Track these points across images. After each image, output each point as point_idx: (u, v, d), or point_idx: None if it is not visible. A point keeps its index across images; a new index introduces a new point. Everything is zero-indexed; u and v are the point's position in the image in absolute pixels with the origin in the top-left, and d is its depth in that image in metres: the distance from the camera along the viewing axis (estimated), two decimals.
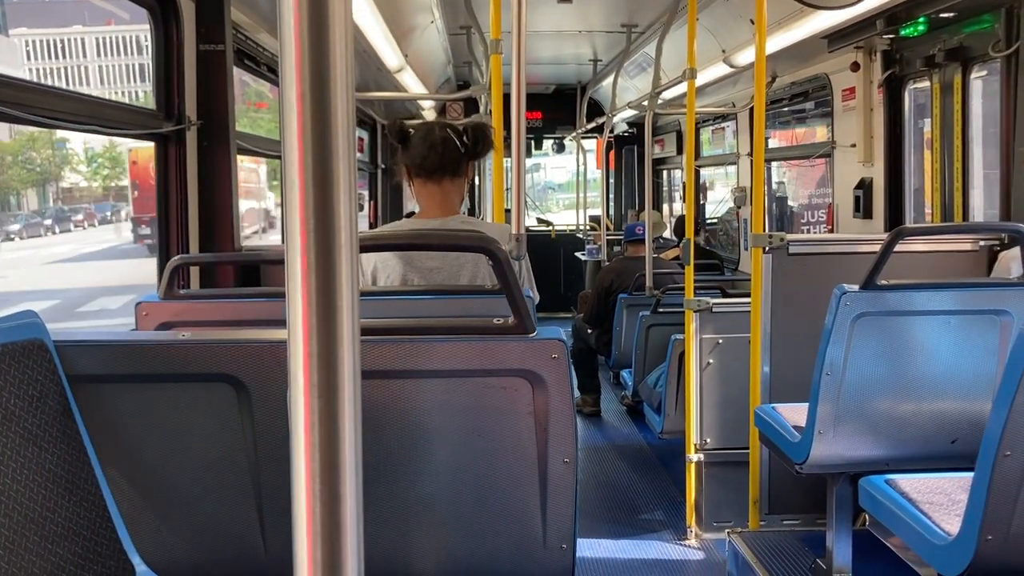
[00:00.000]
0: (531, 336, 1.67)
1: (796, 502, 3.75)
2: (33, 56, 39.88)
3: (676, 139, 9.85)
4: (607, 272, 6.35)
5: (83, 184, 29.15)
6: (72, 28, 40.66)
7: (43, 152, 24.46)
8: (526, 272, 2.63)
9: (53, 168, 26.68)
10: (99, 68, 41.95)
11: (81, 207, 27.72)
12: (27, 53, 38.95)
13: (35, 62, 39.90)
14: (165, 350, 1.63)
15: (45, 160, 26.21)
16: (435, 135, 2.68)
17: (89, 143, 26.58)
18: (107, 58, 42.80)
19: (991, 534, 1.89)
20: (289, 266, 0.64)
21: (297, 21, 0.63)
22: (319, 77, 0.63)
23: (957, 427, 2.70)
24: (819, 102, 5.97)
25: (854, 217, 5.07)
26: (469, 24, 6.06)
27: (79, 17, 40.63)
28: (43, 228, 25.18)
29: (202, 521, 1.71)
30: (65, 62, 41.88)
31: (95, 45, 41.82)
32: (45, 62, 41.10)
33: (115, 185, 29.23)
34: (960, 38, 4.01)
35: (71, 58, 41.78)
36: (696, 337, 4.01)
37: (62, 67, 41.98)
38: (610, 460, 5.53)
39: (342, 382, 0.64)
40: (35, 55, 40.06)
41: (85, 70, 41.67)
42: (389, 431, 1.70)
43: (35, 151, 23.48)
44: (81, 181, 29.20)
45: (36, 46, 39.92)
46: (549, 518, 1.73)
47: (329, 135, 0.64)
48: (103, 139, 19.85)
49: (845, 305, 2.61)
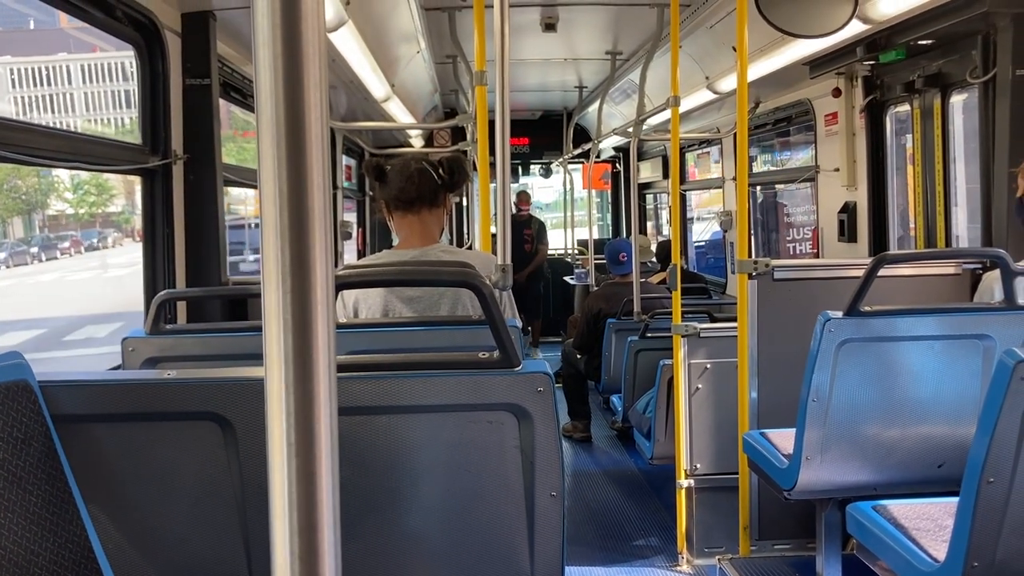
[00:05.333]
0: (516, 369, 1.68)
1: (786, 528, 3.75)
2: (19, 84, 39.92)
3: (662, 163, 9.91)
4: (595, 297, 6.36)
5: (69, 211, 29.09)
6: (58, 56, 40.73)
7: (28, 180, 24.40)
8: (508, 300, 2.65)
9: (39, 196, 26.60)
10: (84, 95, 41.99)
11: (68, 234, 27.62)
12: (12, 81, 39.00)
13: (20, 90, 39.93)
14: (150, 389, 1.63)
15: (31, 188, 26.13)
16: (411, 167, 2.72)
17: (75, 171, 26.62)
18: (93, 85, 42.88)
19: (977, 561, 1.90)
20: (266, 304, 0.64)
21: (272, 60, 0.63)
22: (294, 113, 0.64)
23: (943, 452, 2.71)
24: (802, 127, 6.03)
25: (839, 241, 5.11)
26: (455, 54, 6.11)
27: (65, 45, 40.70)
28: (29, 256, 25.09)
29: (189, 560, 1.70)
30: (51, 89, 41.93)
31: (80, 72, 41.90)
32: (31, 90, 41.12)
33: (101, 212, 29.15)
34: (939, 64, 4.07)
35: (57, 85, 41.83)
36: (684, 362, 4.02)
37: (48, 95, 42.02)
38: (600, 486, 5.52)
39: (319, 420, 0.64)
40: (20, 83, 40.11)
41: (71, 97, 41.71)
42: (376, 466, 1.70)
43: (20, 179, 23.43)
44: (68, 208, 29.13)
45: (21, 74, 39.97)
46: (536, 551, 1.73)
47: (305, 171, 0.64)
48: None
49: (829, 331, 2.63)
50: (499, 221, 2.48)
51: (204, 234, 3.26)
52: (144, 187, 3.15)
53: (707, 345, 4.03)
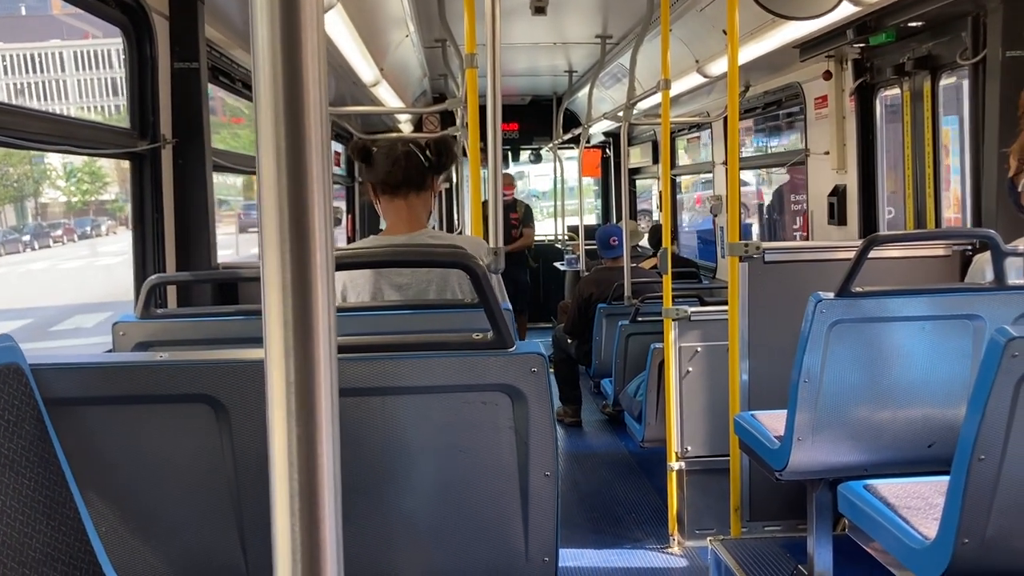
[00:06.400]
0: (510, 350, 1.68)
1: (777, 509, 3.77)
2: (11, 71, 39.61)
3: (652, 149, 9.91)
4: (586, 282, 6.36)
5: (62, 199, 28.91)
6: (50, 42, 40.39)
7: (20, 167, 24.22)
8: (497, 283, 2.64)
9: (31, 184, 26.43)
10: (77, 82, 41.68)
11: (60, 222, 27.47)
12: (4, 68, 38.72)
13: (12, 76, 39.64)
14: (142, 372, 1.62)
15: (23, 175, 25.95)
16: (397, 150, 2.69)
17: (68, 157, 26.46)
18: (85, 72, 42.53)
19: (968, 537, 1.91)
20: (265, 285, 0.64)
21: (270, 41, 0.63)
22: (293, 96, 0.63)
23: (934, 431, 2.73)
24: (793, 110, 6.03)
25: (829, 224, 5.12)
26: (444, 38, 6.08)
27: (57, 32, 40.35)
28: (21, 244, 24.96)
29: (183, 543, 1.70)
30: (43, 76, 41.59)
31: (73, 59, 41.56)
32: (23, 76, 40.81)
33: (95, 200, 28.99)
34: (929, 46, 4.07)
35: (49, 72, 41.48)
36: (675, 346, 4.03)
37: (40, 81, 41.68)
38: (592, 470, 5.54)
39: (319, 401, 0.64)
40: (12, 70, 39.79)
41: (64, 84, 41.40)
42: (370, 448, 1.70)
43: (11, 166, 23.26)
44: (60, 196, 28.96)
45: (13, 60, 39.64)
46: (531, 531, 1.74)
47: (304, 153, 0.64)
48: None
49: (820, 312, 2.64)
50: (491, 206, 2.48)
51: (194, 218, 3.24)
52: (133, 171, 3.13)
53: (698, 328, 4.04)
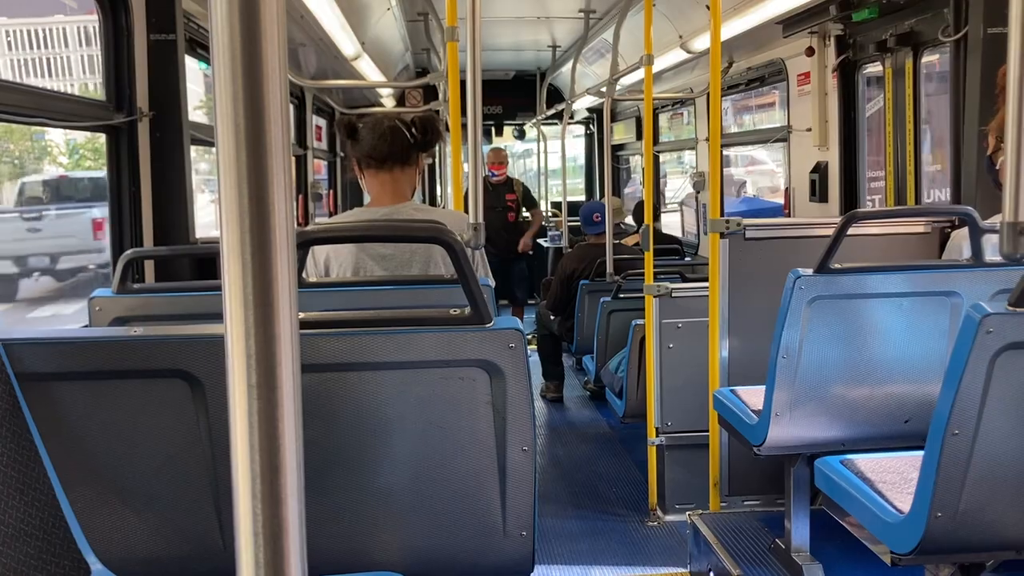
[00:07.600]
0: (488, 326, 1.67)
1: (756, 483, 3.80)
2: (15, 47, 39.01)
3: (635, 125, 9.88)
4: (569, 259, 6.36)
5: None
6: (54, 18, 39.72)
7: (21, 144, 23.90)
8: (480, 259, 2.64)
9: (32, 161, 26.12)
10: (81, 58, 41.07)
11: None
12: (8, 44, 38.13)
13: (16, 52, 39.05)
14: (116, 347, 1.61)
15: (23, 152, 25.62)
16: (383, 125, 2.70)
17: (69, 133, 26.15)
18: (91, 48, 41.91)
19: (941, 511, 1.93)
20: (226, 260, 0.63)
21: (228, 6, 0.62)
22: (252, 67, 0.62)
23: (910, 407, 2.75)
24: (775, 87, 6.02)
25: (810, 201, 5.13)
26: (426, 11, 6.03)
27: (60, 7, 39.66)
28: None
29: (159, 518, 1.70)
30: (47, 52, 40.91)
31: (76, 35, 40.93)
32: (27, 52, 40.18)
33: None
34: (911, 23, 4.07)
35: (53, 48, 40.81)
36: (656, 322, 4.04)
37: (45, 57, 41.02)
38: (573, 445, 5.56)
39: (281, 376, 0.63)
40: (16, 46, 39.18)
41: (68, 60, 40.78)
42: (347, 423, 1.69)
43: (12, 143, 22.97)
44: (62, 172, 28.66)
45: (17, 36, 39.03)
46: (508, 506, 1.74)
47: (263, 125, 0.62)
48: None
49: (800, 289, 2.64)
50: (471, 180, 2.47)
51: (171, 192, 3.21)
52: (109, 145, 3.09)
53: (679, 305, 4.05)
